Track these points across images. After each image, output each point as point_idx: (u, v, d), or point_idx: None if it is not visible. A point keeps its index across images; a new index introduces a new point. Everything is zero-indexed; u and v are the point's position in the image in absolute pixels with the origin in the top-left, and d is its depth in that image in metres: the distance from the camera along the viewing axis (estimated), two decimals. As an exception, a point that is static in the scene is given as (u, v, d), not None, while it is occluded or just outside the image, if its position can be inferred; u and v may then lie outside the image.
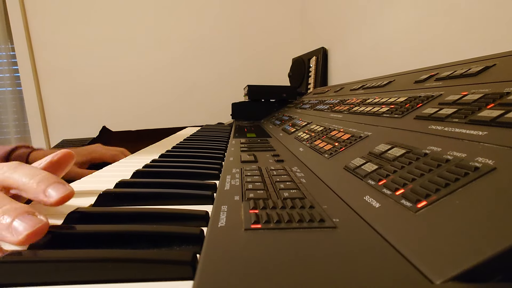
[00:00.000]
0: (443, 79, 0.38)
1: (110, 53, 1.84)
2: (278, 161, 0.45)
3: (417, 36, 0.79)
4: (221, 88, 1.91)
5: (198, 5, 1.86)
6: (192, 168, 0.46)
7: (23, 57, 1.76)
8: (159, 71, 1.88)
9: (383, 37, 0.95)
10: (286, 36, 1.90)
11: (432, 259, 0.15)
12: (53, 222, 0.26)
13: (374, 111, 0.44)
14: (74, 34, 1.80)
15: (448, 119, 0.28)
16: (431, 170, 0.22)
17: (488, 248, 0.14)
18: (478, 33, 0.60)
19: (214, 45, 1.89)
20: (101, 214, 0.28)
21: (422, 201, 0.20)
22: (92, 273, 0.18)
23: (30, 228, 0.21)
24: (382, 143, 0.32)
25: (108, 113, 1.87)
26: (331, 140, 0.44)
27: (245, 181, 0.33)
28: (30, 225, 0.22)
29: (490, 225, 0.15)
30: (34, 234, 0.21)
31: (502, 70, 0.31)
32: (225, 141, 0.76)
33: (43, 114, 1.83)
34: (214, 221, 0.23)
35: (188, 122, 1.77)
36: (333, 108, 0.64)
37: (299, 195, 0.28)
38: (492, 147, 0.21)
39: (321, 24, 1.54)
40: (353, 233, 0.20)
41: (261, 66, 1.91)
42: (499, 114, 0.23)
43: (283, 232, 0.21)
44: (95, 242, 0.22)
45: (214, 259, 0.18)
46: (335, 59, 1.35)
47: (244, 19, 1.89)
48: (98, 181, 0.43)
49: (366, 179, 0.27)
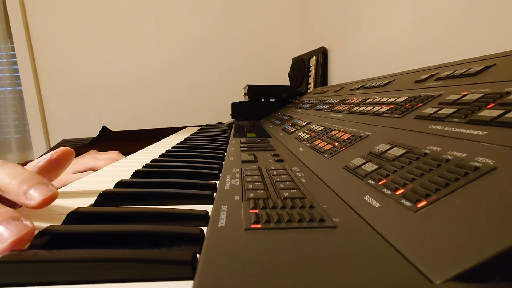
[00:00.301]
0: (443, 79, 0.38)
1: (110, 53, 1.84)
2: (278, 161, 0.45)
3: (417, 36, 0.79)
4: (221, 88, 1.91)
5: (198, 6, 1.86)
6: (192, 168, 0.46)
7: (23, 57, 1.76)
8: (159, 71, 1.88)
9: (383, 37, 0.95)
10: (286, 36, 1.90)
11: (432, 259, 0.15)
12: (53, 222, 0.26)
13: (374, 111, 0.44)
14: (74, 34, 1.80)
15: (448, 119, 0.28)
16: (431, 170, 0.22)
17: (488, 248, 0.14)
18: (478, 33, 0.60)
19: (214, 45, 1.89)
20: (101, 214, 0.28)
21: (422, 201, 0.20)
22: (92, 273, 0.18)
23: (14, 236, 0.20)
24: (382, 143, 0.32)
25: (108, 113, 1.86)
26: (331, 140, 0.44)
27: (245, 181, 0.33)
28: (14, 232, 0.20)
29: (490, 225, 0.15)
30: (19, 241, 0.20)
31: (502, 69, 0.31)
32: (225, 141, 0.76)
33: (43, 114, 1.83)
34: (214, 221, 0.23)
35: (188, 122, 1.77)
36: (333, 108, 0.64)
37: (299, 195, 0.28)
38: (492, 147, 0.21)
39: (321, 23, 1.53)
40: (353, 233, 0.20)
41: (261, 66, 1.91)
42: (499, 114, 0.23)
43: (283, 232, 0.21)
44: (95, 242, 0.22)
45: (214, 259, 0.18)
46: (335, 58, 1.34)
47: (244, 19, 1.89)
48: (98, 181, 0.43)
49: (366, 179, 0.27)
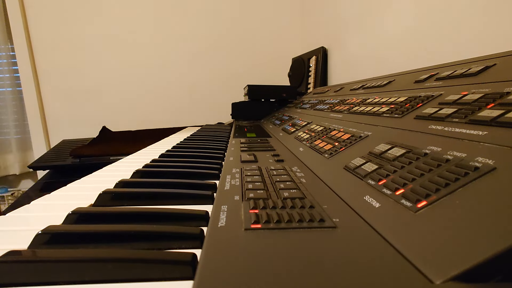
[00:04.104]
0: (443, 79, 0.38)
1: (110, 54, 1.84)
2: (278, 161, 0.45)
3: (416, 36, 0.79)
4: (221, 88, 1.91)
5: (199, 6, 1.86)
6: (192, 168, 0.46)
7: (23, 58, 1.76)
8: (159, 71, 1.88)
9: (382, 37, 0.95)
10: (286, 36, 1.90)
11: (432, 259, 0.15)
12: (53, 222, 0.26)
13: (374, 111, 0.44)
14: (74, 35, 1.80)
15: (448, 119, 0.28)
16: (431, 170, 0.22)
17: (488, 248, 0.14)
18: (478, 33, 0.60)
19: (214, 45, 1.89)
20: (101, 214, 0.28)
21: (422, 201, 0.20)
22: (92, 273, 0.18)
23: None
24: (382, 143, 0.32)
25: (108, 114, 1.86)
26: (331, 140, 0.44)
27: (245, 181, 0.33)
28: None
29: (490, 225, 0.15)
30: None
31: (502, 70, 0.31)
32: (225, 141, 0.76)
33: (43, 115, 1.83)
34: (214, 221, 0.23)
35: (188, 122, 1.77)
36: (333, 108, 0.64)
37: (299, 195, 0.28)
38: (492, 147, 0.21)
39: (321, 24, 1.53)
40: (353, 233, 0.20)
41: (261, 66, 1.91)
42: (499, 114, 0.23)
43: (283, 232, 0.21)
44: (95, 242, 0.22)
45: (214, 259, 0.18)
46: (335, 58, 1.34)
47: (245, 20, 1.89)
48: (98, 181, 0.43)
49: (366, 179, 0.27)
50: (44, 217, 0.29)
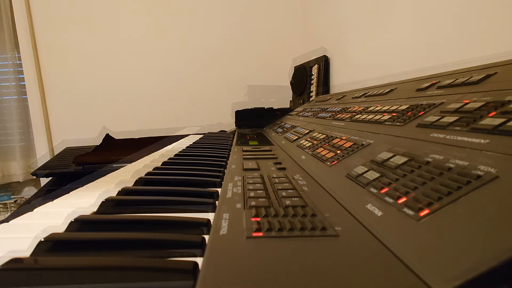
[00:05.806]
0: (444, 87, 0.39)
1: (115, 62, 1.86)
2: (280, 169, 0.45)
3: (417, 43, 0.79)
4: (224, 96, 1.92)
5: (202, 14, 1.89)
6: (195, 175, 0.46)
7: (29, 66, 1.79)
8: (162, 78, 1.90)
9: (384, 44, 0.96)
10: (289, 44, 1.92)
11: (435, 269, 0.15)
12: (56, 229, 0.26)
13: (376, 119, 0.44)
14: (80, 44, 1.83)
15: (450, 127, 0.28)
16: (433, 179, 0.22)
17: (491, 257, 0.14)
18: (479, 38, 0.60)
19: (216, 52, 1.92)
20: (103, 222, 0.28)
21: (424, 210, 0.20)
22: (94, 281, 0.18)
23: None
24: (384, 151, 0.32)
25: (112, 122, 1.88)
26: (333, 148, 0.44)
27: (247, 189, 0.33)
28: None
29: (493, 234, 0.15)
30: None
31: (504, 78, 0.31)
32: (228, 149, 0.76)
33: (47, 122, 1.85)
34: (215, 229, 0.23)
35: (190, 130, 1.78)
36: (335, 116, 0.64)
37: (301, 203, 0.28)
38: (494, 155, 0.21)
39: (323, 32, 1.55)
40: (355, 242, 0.20)
41: (264, 73, 1.93)
42: (501, 122, 0.23)
43: (285, 240, 0.21)
44: (98, 249, 0.22)
45: (215, 267, 0.18)
46: (337, 67, 1.35)
47: (248, 28, 1.92)
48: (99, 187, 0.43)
49: (368, 187, 0.27)
50: (46, 224, 0.29)
